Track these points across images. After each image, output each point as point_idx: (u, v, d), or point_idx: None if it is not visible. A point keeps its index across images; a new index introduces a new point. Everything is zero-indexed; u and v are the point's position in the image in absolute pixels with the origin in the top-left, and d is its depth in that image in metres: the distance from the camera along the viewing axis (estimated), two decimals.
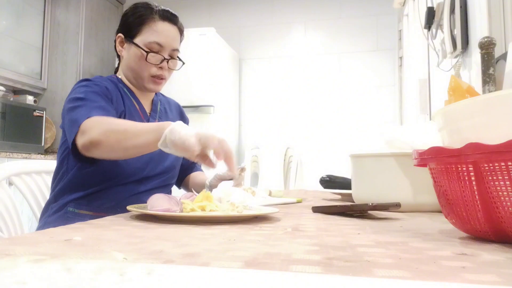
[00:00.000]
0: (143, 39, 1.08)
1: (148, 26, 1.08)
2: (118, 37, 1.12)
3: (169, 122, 0.82)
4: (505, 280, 0.27)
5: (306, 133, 3.59)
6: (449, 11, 1.68)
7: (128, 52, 1.11)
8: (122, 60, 1.14)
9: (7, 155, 2.61)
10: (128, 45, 1.11)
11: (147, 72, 1.09)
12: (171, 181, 1.20)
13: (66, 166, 1.06)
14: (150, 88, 1.12)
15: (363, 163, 0.88)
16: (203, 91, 3.09)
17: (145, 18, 1.09)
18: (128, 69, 1.12)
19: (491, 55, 1.05)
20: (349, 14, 3.60)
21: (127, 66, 1.12)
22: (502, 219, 0.40)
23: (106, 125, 0.88)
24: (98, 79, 1.08)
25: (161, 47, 1.09)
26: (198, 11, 3.81)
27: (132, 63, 1.10)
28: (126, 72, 1.14)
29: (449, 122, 0.47)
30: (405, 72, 3.18)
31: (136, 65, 1.09)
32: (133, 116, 1.09)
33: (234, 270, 0.29)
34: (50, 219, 1.04)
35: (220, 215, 0.61)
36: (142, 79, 1.11)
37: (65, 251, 0.35)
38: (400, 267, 0.31)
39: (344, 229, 0.54)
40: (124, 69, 1.14)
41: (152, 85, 1.12)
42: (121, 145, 0.86)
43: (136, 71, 1.10)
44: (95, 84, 1.03)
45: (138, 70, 1.10)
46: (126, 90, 1.12)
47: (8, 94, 3.07)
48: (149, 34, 1.08)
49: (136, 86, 1.14)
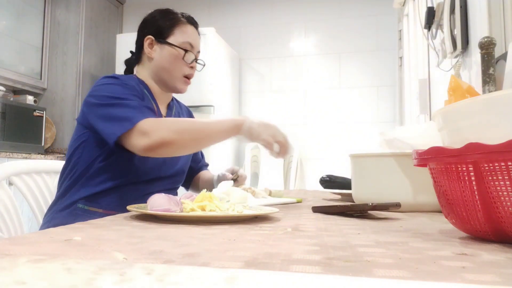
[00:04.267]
0: (176, 39, 1.12)
1: (179, 28, 1.13)
2: (148, 38, 1.13)
3: (242, 118, 0.97)
4: (505, 280, 0.27)
5: (306, 133, 3.59)
6: (449, 11, 1.68)
7: (161, 53, 1.12)
8: (151, 62, 1.14)
9: (7, 155, 2.61)
10: (160, 46, 1.12)
11: (181, 72, 1.12)
12: (178, 185, 1.22)
13: (78, 160, 1.05)
14: (180, 88, 1.15)
15: (363, 163, 0.88)
16: (203, 91, 3.09)
17: (176, 21, 1.13)
18: (160, 69, 1.12)
19: (491, 55, 1.05)
20: (349, 14, 3.60)
21: (159, 67, 1.13)
22: (502, 219, 0.40)
23: (175, 125, 0.93)
24: (124, 77, 1.07)
25: (192, 48, 1.14)
26: (198, 11, 3.81)
27: (166, 63, 1.11)
28: (156, 73, 1.13)
29: (449, 122, 0.47)
30: (405, 72, 3.18)
31: (171, 64, 1.11)
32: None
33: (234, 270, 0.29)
34: (59, 214, 1.03)
35: (220, 215, 0.61)
36: (175, 78, 1.13)
37: (65, 251, 0.35)
38: (400, 267, 0.31)
39: (344, 229, 0.54)
40: (154, 69, 1.13)
41: (183, 85, 1.15)
42: (195, 143, 0.95)
43: (169, 71, 1.12)
44: (125, 83, 1.03)
45: (172, 69, 1.12)
46: (147, 91, 1.13)
47: (8, 94, 3.07)
48: (182, 35, 1.12)
49: (164, 87, 1.15)
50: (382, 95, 3.49)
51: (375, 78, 3.51)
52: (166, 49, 1.11)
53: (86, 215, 0.99)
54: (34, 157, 2.90)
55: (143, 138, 0.90)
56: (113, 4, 3.86)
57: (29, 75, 3.22)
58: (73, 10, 3.43)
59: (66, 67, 3.41)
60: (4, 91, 2.93)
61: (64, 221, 0.98)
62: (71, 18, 3.43)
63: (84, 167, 1.04)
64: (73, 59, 3.40)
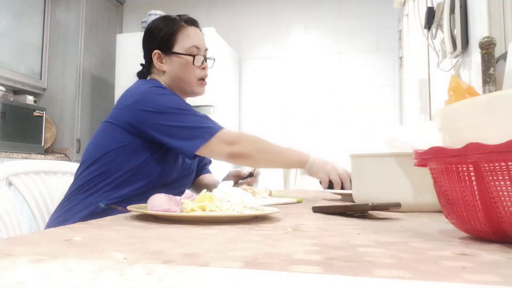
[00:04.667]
0: (182, 47, 1.13)
1: (181, 33, 1.14)
2: (155, 53, 1.14)
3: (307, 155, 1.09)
4: (505, 280, 0.27)
5: (306, 133, 3.59)
6: (449, 11, 1.68)
7: (171, 64, 1.14)
8: (164, 74, 1.16)
9: (7, 155, 2.61)
10: (169, 58, 1.14)
11: (195, 76, 1.15)
12: (190, 185, 1.28)
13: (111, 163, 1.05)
14: (198, 91, 1.18)
15: (363, 163, 0.88)
16: None
17: (176, 28, 1.14)
18: (175, 79, 1.15)
19: (491, 55, 1.05)
20: (349, 14, 3.59)
21: (173, 77, 1.15)
22: (503, 219, 0.40)
23: (256, 143, 1.04)
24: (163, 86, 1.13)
25: (199, 49, 1.16)
26: (198, 11, 3.81)
27: (179, 72, 1.14)
28: (172, 83, 1.16)
29: (449, 122, 0.47)
30: (405, 72, 3.18)
31: (184, 73, 1.14)
32: None
33: (234, 270, 0.29)
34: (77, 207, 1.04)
35: (220, 215, 0.61)
36: (191, 84, 1.16)
37: (65, 251, 0.35)
38: (400, 267, 0.31)
39: (344, 229, 0.54)
40: (169, 80, 1.16)
41: (200, 88, 1.18)
42: (267, 163, 1.06)
43: (184, 79, 1.14)
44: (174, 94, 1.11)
45: (186, 77, 1.14)
46: None
47: (8, 94, 3.07)
48: (185, 40, 1.14)
49: (184, 93, 1.18)
50: (382, 95, 3.49)
51: (375, 78, 3.51)
52: (174, 59, 1.13)
53: (105, 212, 1.01)
54: (34, 157, 2.90)
55: (226, 146, 1.01)
56: (113, 4, 3.86)
57: (29, 75, 3.22)
58: (73, 10, 3.43)
59: (66, 67, 3.41)
60: (4, 91, 2.93)
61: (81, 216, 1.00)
62: (71, 18, 3.43)
63: (118, 170, 1.04)
64: (73, 59, 3.40)
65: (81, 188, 1.07)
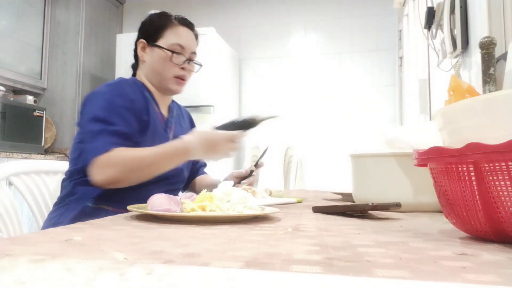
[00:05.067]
0: (166, 42, 1.13)
1: (170, 29, 1.14)
2: (140, 42, 1.17)
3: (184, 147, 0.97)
4: (505, 280, 0.27)
5: (306, 133, 3.59)
6: (449, 11, 1.68)
7: (152, 56, 1.14)
8: (144, 65, 1.17)
9: (7, 155, 2.61)
10: (151, 49, 1.15)
11: (171, 73, 1.14)
12: (180, 185, 1.24)
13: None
14: (173, 89, 1.16)
15: (363, 163, 0.88)
16: (203, 91, 3.09)
17: (166, 23, 1.15)
18: (152, 72, 1.15)
19: (491, 55, 1.05)
20: (349, 14, 3.59)
21: (151, 69, 1.15)
22: (503, 219, 0.40)
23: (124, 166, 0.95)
24: (123, 85, 1.09)
25: (183, 49, 1.15)
26: (198, 11, 3.81)
27: (157, 65, 1.14)
28: (149, 76, 1.16)
29: (449, 122, 0.47)
30: (405, 72, 3.18)
31: (161, 66, 1.13)
32: (155, 121, 1.12)
33: (234, 270, 0.29)
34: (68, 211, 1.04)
35: (220, 215, 0.61)
36: (166, 80, 1.14)
37: (65, 251, 0.35)
38: (400, 267, 0.31)
39: (344, 229, 0.54)
40: (147, 73, 1.16)
41: (176, 86, 1.16)
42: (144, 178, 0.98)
43: (160, 73, 1.14)
44: (119, 95, 1.05)
45: (163, 71, 1.13)
46: (148, 94, 1.15)
47: (8, 94, 3.07)
48: (171, 37, 1.14)
49: (159, 89, 1.17)
50: (382, 95, 3.49)
51: (375, 78, 3.51)
52: (156, 51, 1.14)
53: (95, 213, 1.00)
54: (34, 157, 2.90)
55: (98, 172, 0.95)
56: (113, 4, 3.86)
57: (29, 75, 3.22)
58: (73, 10, 3.43)
59: (66, 67, 3.41)
60: (4, 91, 2.93)
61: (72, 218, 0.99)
62: (71, 18, 3.43)
63: None
64: (73, 59, 3.40)
65: (66, 188, 1.08)
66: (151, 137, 1.08)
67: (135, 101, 1.07)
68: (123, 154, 0.96)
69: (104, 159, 0.94)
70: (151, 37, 1.15)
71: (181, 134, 1.16)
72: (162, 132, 1.14)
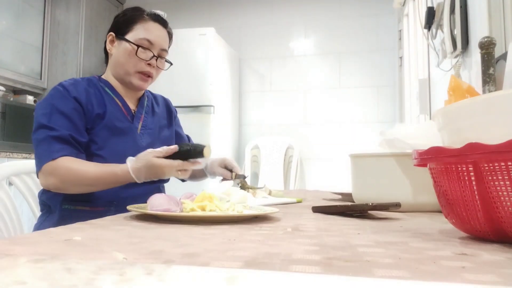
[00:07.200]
0: (134, 36, 1.11)
1: (140, 24, 1.12)
2: (109, 35, 1.15)
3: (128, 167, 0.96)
4: (505, 280, 0.27)
5: (306, 133, 3.59)
6: (449, 11, 1.67)
7: (118, 49, 1.13)
8: (111, 58, 1.16)
9: (7, 155, 2.61)
10: (119, 42, 1.13)
11: (135, 68, 1.12)
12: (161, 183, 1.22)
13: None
14: (136, 84, 1.14)
15: (363, 163, 0.88)
16: (203, 91, 3.09)
17: (137, 18, 1.13)
18: (117, 65, 1.14)
19: (491, 55, 1.05)
20: (349, 14, 3.59)
21: (116, 62, 1.14)
22: (502, 219, 0.40)
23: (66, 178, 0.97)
24: (72, 86, 1.08)
25: (151, 45, 1.12)
26: (198, 11, 3.81)
27: (122, 58, 1.12)
28: (114, 69, 1.15)
29: (449, 122, 0.47)
30: (405, 72, 3.18)
31: (126, 60, 1.11)
32: (115, 115, 1.10)
33: (234, 270, 0.29)
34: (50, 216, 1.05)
35: (220, 215, 0.61)
36: (129, 74, 1.13)
37: (65, 251, 0.35)
38: (400, 267, 0.31)
39: (344, 229, 0.54)
40: (113, 66, 1.15)
41: (139, 81, 1.13)
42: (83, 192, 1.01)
43: (124, 67, 1.12)
44: (61, 97, 1.05)
45: (127, 65, 1.12)
46: (108, 89, 1.14)
47: (8, 94, 3.07)
48: (140, 31, 1.12)
49: (123, 83, 1.16)
50: (382, 95, 3.49)
51: (375, 78, 3.51)
52: (122, 44, 1.12)
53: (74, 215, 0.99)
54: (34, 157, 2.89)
55: (45, 178, 0.99)
56: (113, 4, 3.86)
57: (29, 75, 3.22)
58: (73, 10, 3.43)
59: (66, 67, 3.41)
60: (4, 91, 2.93)
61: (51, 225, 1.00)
62: (71, 18, 3.43)
63: None
64: (73, 59, 3.40)
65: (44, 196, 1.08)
66: (108, 128, 1.07)
67: (80, 98, 1.06)
68: (67, 165, 0.97)
69: (49, 167, 0.97)
70: (120, 30, 1.13)
71: (153, 123, 1.19)
72: (128, 123, 1.12)
